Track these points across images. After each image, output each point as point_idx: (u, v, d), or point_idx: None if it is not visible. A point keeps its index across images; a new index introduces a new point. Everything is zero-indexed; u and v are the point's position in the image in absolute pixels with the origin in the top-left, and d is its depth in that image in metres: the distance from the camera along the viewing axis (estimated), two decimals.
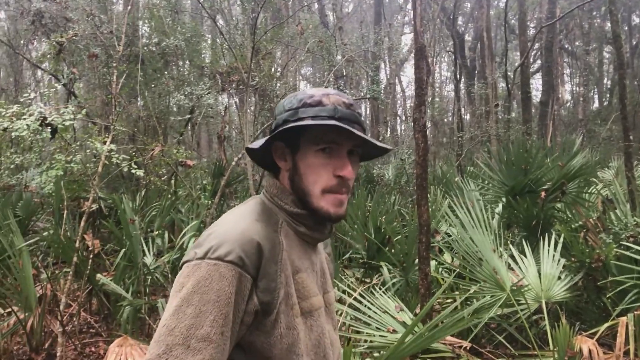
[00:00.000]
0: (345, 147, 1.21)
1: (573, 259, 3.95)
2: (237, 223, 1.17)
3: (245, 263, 1.09)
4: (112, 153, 4.99)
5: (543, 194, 5.19)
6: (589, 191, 5.97)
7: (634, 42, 24.85)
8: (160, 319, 3.95)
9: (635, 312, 3.15)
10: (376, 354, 2.66)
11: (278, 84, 10.45)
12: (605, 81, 27.85)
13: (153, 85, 9.17)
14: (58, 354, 3.85)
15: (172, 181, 8.30)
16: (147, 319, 4.28)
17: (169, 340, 1.02)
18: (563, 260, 3.88)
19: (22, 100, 5.29)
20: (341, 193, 1.22)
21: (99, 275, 4.40)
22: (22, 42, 13.72)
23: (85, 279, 4.50)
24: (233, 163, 7.17)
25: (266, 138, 1.25)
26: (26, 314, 4.13)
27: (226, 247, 1.09)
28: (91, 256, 4.64)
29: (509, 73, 12.59)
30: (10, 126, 4.27)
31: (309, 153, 1.22)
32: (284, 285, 1.16)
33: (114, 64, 6.05)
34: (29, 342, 4.19)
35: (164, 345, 1.01)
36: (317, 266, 1.32)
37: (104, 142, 5.06)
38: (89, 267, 4.49)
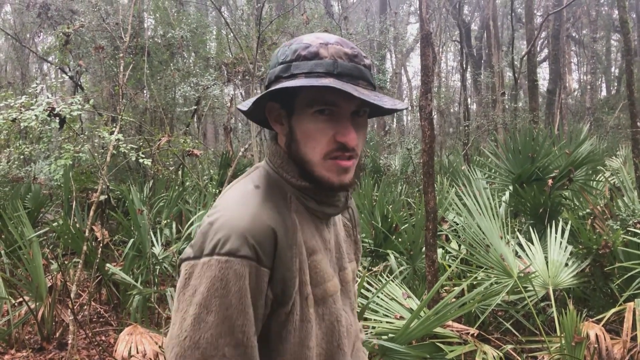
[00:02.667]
0: (347, 108, 1.04)
1: (580, 245, 3.96)
2: (244, 206, 1.01)
3: (260, 255, 0.96)
4: (119, 142, 5.01)
5: (550, 181, 5.18)
6: (596, 179, 5.96)
7: None
8: (169, 308, 3.96)
9: None
10: (384, 337, 2.68)
11: None
12: (613, 69, 27.64)
13: (159, 77, 9.19)
14: (69, 343, 3.89)
15: (180, 172, 8.34)
16: (156, 308, 4.31)
17: (197, 354, 0.91)
18: (570, 247, 3.89)
19: (30, 91, 5.32)
20: (344, 159, 1.05)
21: (108, 265, 4.44)
22: (28, 35, 13.76)
23: (95, 269, 4.54)
24: (240, 154, 7.20)
25: (255, 97, 1.08)
26: (37, 304, 4.18)
27: (236, 238, 0.95)
28: (100, 246, 4.68)
29: (515, 62, 12.52)
30: (20, 117, 4.31)
31: (305, 116, 1.04)
32: (299, 272, 1.03)
33: (121, 55, 6.07)
34: (40, 331, 4.25)
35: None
36: (330, 243, 1.16)
37: (112, 133, 5.09)
38: (98, 257, 4.53)
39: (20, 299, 4.26)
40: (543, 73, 27.06)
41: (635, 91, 5.62)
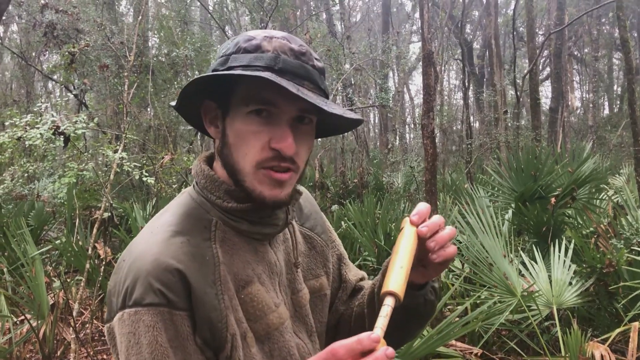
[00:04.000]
0: (287, 111, 0.90)
1: (584, 264, 3.94)
2: (150, 245, 0.88)
3: (170, 298, 0.83)
4: (123, 161, 5.04)
5: (553, 200, 5.17)
6: (599, 197, 5.95)
7: None
8: None
9: None
10: None
11: None
12: (615, 88, 27.74)
13: (163, 95, 9.27)
14: None
15: (183, 189, 8.36)
16: None
17: None
18: (574, 266, 3.87)
19: (35, 109, 5.37)
20: (279, 170, 0.91)
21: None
22: (33, 54, 13.90)
23: (98, 287, 4.54)
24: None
25: (182, 90, 0.94)
26: (39, 322, 4.17)
27: (140, 285, 0.83)
28: (103, 264, 4.68)
29: (517, 80, 12.59)
30: (25, 135, 4.34)
31: (239, 116, 0.91)
32: (230, 310, 0.90)
33: (125, 74, 6.13)
34: (42, 349, 4.22)
35: None
36: (278, 265, 1.03)
37: (116, 151, 5.12)
38: (100, 275, 4.53)
39: (22, 317, 4.25)
40: (545, 91, 27.19)
41: (637, 110, 5.64)
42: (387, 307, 0.81)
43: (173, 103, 1.00)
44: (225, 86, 0.94)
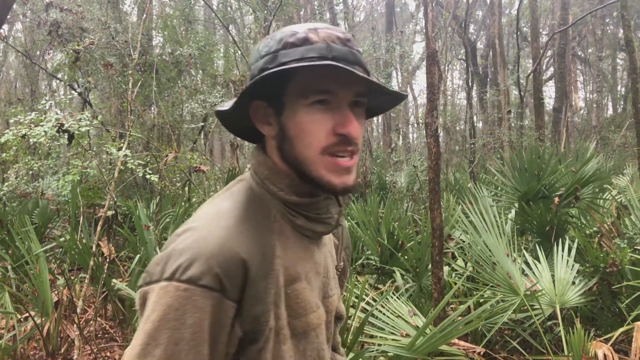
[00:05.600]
0: (345, 97, 0.92)
1: (587, 264, 3.94)
2: (215, 228, 0.87)
3: (225, 286, 0.83)
4: (127, 159, 5.05)
5: (556, 199, 5.17)
6: (603, 197, 5.94)
7: None
8: None
9: None
10: (389, 354, 2.67)
11: None
12: (619, 88, 27.68)
13: (167, 94, 9.29)
14: (75, 358, 3.89)
15: (186, 188, 8.37)
16: None
17: None
18: (577, 266, 3.87)
19: (39, 107, 5.38)
20: (346, 155, 0.92)
21: (114, 281, 4.45)
22: (38, 52, 13.93)
23: (101, 285, 4.55)
24: (246, 170, 7.22)
25: (237, 97, 0.95)
26: (43, 319, 4.18)
27: (200, 265, 0.82)
28: (107, 262, 4.69)
29: (521, 80, 12.57)
30: (29, 133, 4.36)
31: (298, 109, 0.92)
32: (273, 305, 0.90)
33: (129, 73, 6.15)
34: (46, 347, 4.24)
35: None
36: (321, 266, 1.03)
37: (120, 149, 5.14)
38: (104, 273, 4.54)
39: (26, 314, 4.27)
40: (549, 91, 27.15)
41: None
42: None
43: (221, 107, 1.00)
44: (276, 83, 0.93)
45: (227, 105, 0.99)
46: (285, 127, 0.94)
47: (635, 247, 4.02)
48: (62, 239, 5.40)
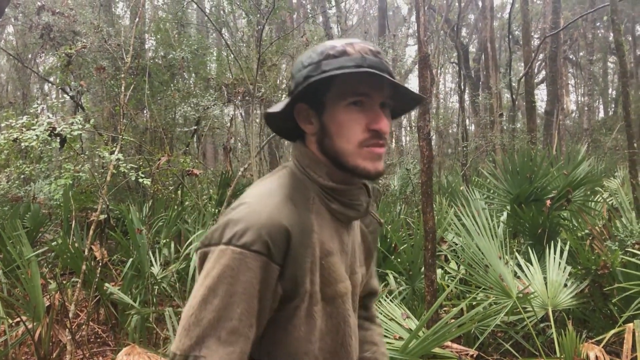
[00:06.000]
0: (376, 99, 1.11)
1: (579, 266, 3.96)
2: (265, 203, 1.06)
3: (272, 251, 1.01)
4: (119, 162, 5.04)
5: (548, 202, 5.19)
6: (594, 199, 5.97)
7: (638, 52, 24.86)
8: (167, 328, 3.94)
9: None
10: None
11: (284, 95, 10.52)
12: (610, 91, 27.87)
13: (159, 97, 9.26)
14: None
15: (179, 192, 8.35)
16: (154, 328, 4.29)
17: (198, 331, 0.99)
18: (569, 268, 3.88)
19: (31, 111, 5.36)
20: (378, 146, 1.11)
21: (106, 285, 4.43)
22: (29, 55, 13.88)
23: (94, 289, 4.53)
24: (239, 174, 7.22)
25: (286, 100, 1.14)
26: (34, 324, 4.16)
27: (252, 233, 1.01)
28: (99, 266, 4.67)
29: (513, 83, 12.63)
30: (21, 137, 4.33)
31: (338, 109, 1.11)
32: (309, 272, 1.08)
33: (122, 76, 6.13)
34: (37, 351, 4.21)
35: (195, 337, 0.98)
36: (348, 246, 1.20)
37: (112, 152, 5.12)
38: (97, 277, 4.52)
39: (18, 319, 4.24)
40: (541, 94, 27.29)
41: (631, 113, 5.67)
42: None
43: (273, 109, 1.16)
44: (318, 88, 1.11)
45: (276, 107, 1.15)
46: (325, 125, 1.13)
47: (626, 249, 4.05)
48: (54, 243, 5.37)
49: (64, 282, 5.19)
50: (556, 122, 13.60)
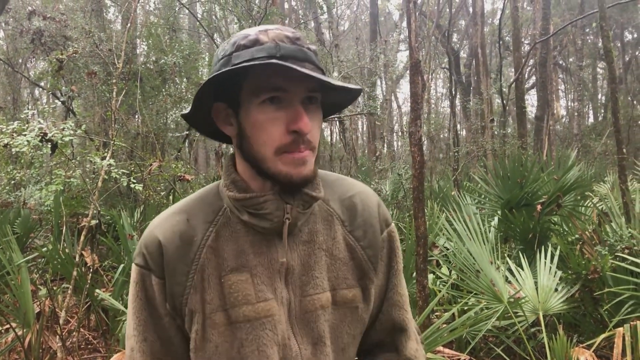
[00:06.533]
0: (297, 94, 0.95)
1: (569, 271, 3.98)
2: (158, 217, 1.06)
3: (149, 263, 1.00)
4: (111, 168, 5.02)
5: (539, 207, 5.22)
6: (584, 204, 6.01)
7: (627, 58, 25.11)
8: None
9: (632, 323, 3.17)
10: None
11: None
12: (599, 96, 28.10)
13: (151, 103, 9.23)
14: None
15: (171, 197, 8.33)
16: None
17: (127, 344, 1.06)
18: (560, 273, 3.91)
19: (22, 116, 5.33)
20: (300, 151, 0.95)
21: (97, 291, 4.40)
22: (20, 60, 13.80)
23: (85, 295, 4.50)
24: None
25: (196, 99, 0.99)
26: (24, 331, 4.13)
27: (138, 247, 1.03)
28: (90, 272, 4.64)
29: (503, 89, 12.71)
30: (11, 142, 4.31)
31: (252, 108, 0.96)
32: (199, 289, 0.98)
33: (113, 81, 6.12)
34: (27, 358, 4.18)
35: (128, 349, 1.04)
36: (277, 262, 1.02)
37: (103, 158, 5.10)
38: (88, 283, 4.50)
39: (7, 326, 4.21)
40: (531, 100, 27.44)
41: (620, 118, 5.72)
42: None
43: (184, 112, 1.04)
44: (232, 84, 0.98)
45: (189, 109, 1.02)
46: (242, 126, 0.99)
47: (616, 254, 4.08)
48: (44, 249, 5.33)
49: (55, 288, 5.15)
50: (546, 128, 13.69)
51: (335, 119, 9.86)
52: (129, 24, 6.97)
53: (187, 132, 9.77)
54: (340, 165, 14.02)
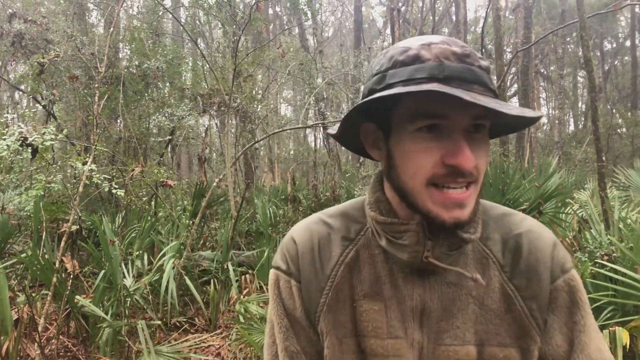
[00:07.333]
0: (460, 122, 0.80)
1: None
2: (299, 223, 1.01)
3: (289, 265, 0.95)
4: (92, 173, 4.97)
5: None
6: (565, 211, 6.08)
7: (606, 67, 25.52)
8: (139, 341, 3.89)
9: (611, 329, 3.21)
10: None
11: (259, 106, 10.53)
12: (580, 105, 28.51)
13: (133, 107, 9.17)
14: None
15: (152, 202, 8.26)
16: (126, 341, 4.22)
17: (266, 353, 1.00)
18: None
19: (1, 120, 5.26)
20: (456, 187, 0.80)
21: (78, 297, 4.35)
22: (0, 63, 13.62)
23: (64, 301, 4.44)
24: (214, 184, 7.17)
25: (345, 119, 0.88)
26: (1, 338, 4.06)
27: (278, 251, 0.99)
28: (70, 278, 4.58)
29: None
30: None
31: (405, 135, 0.82)
32: (333, 309, 0.91)
33: (96, 85, 6.07)
34: None
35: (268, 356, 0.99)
36: (411, 301, 0.89)
37: (85, 163, 5.05)
38: (68, 289, 4.44)
39: None
40: None
41: (600, 126, 5.80)
42: None
43: (331, 131, 0.95)
44: (385, 106, 0.85)
45: (335, 128, 0.93)
46: (391, 154, 0.86)
47: (595, 260, 4.13)
48: (23, 255, 5.25)
49: (33, 294, 5.07)
50: (528, 135, 13.84)
51: (319, 125, 9.87)
52: (111, 28, 6.92)
53: (170, 137, 9.72)
54: (324, 171, 14.02)
